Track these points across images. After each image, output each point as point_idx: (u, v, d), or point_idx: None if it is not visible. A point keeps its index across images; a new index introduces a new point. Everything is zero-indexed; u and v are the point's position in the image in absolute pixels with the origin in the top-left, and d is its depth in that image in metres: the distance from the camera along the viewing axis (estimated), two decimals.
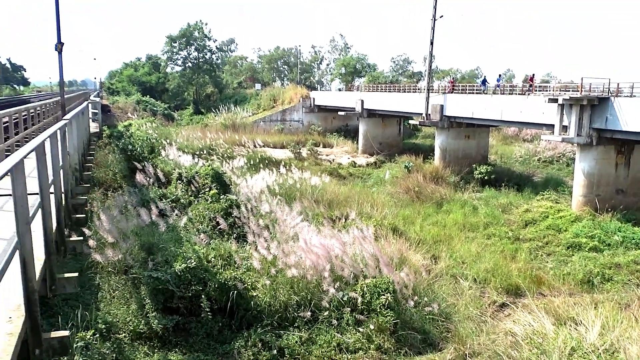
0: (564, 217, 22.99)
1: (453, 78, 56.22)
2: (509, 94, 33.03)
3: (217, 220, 13.94)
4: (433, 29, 37.11)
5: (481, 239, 20.87)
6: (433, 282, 13.78)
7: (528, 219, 24.06)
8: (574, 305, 10.72)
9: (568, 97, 24.06)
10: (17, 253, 4.91)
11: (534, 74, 35.13)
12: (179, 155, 23.29)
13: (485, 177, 32.18)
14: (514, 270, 16.57)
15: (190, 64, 76.16)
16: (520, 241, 21.45)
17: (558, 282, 16.46)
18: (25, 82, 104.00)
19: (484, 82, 36.56)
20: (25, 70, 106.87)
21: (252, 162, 27.59)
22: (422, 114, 37.94)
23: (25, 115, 17.17)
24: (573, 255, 19.66)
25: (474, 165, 33.84)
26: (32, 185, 6.17)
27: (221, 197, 16.19)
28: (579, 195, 24.81)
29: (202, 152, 29.39)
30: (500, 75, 36.18)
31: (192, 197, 16.80)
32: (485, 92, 32.14)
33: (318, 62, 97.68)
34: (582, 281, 17.12)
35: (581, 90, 23.50)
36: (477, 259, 17.55)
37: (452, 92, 34.67)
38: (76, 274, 6.56)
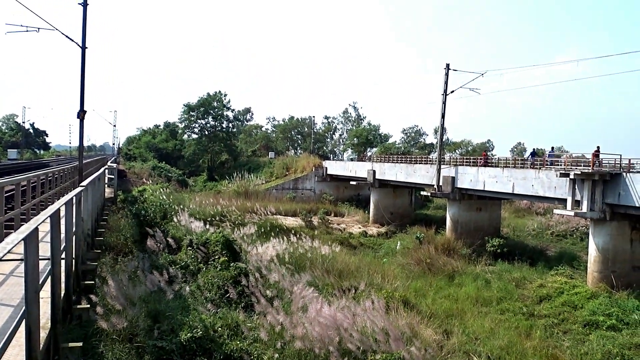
0: (580, 294, 22.35)
1: (485, 151, 56.74)
2: (521, 167, 32.97)
3: (226, 288, 13.90)
4: (444, 103, 38.17)
5: (495, 314, 20.48)
6: (445, 359, 13.50)
7: (542, 295, 23.42)
8: None
9: (579, 172, 24.13)
10: (23, 322, 4.83)
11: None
12: (191, 221, 23.09)
13: (498, 250, 31.60)
14: (529, 348, 16.10)
15: (206, 132, 77.57)
16: (535, 317, 21.05)
17: None
18: (46, 146, 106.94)
19: (533, 154, 36.61)
20: (47, 135, 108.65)
21: (263, 230, 27.49)
22: (433, 185, 37.54)
23: (43, 179, 17.38)
24: (590, 334, 19.13)
25: (486, 237, 33.32)
26: (44, 249, 6.13)
27: (231, 264, 15.99)
28: (594, 271, 24.23)
29: (213, 219, 29.10)
30: (552, 148, 35.06)
31: (202, 264, 16.60)
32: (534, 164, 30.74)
33: (331, 133, 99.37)
34: None
35: (592, 166, 23.31)
36: (491, 335, 17.13)
37: (485, 165, 35.76)
38: (80, 344, 6.41)
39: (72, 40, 19.14)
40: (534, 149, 40.62)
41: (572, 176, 24.47)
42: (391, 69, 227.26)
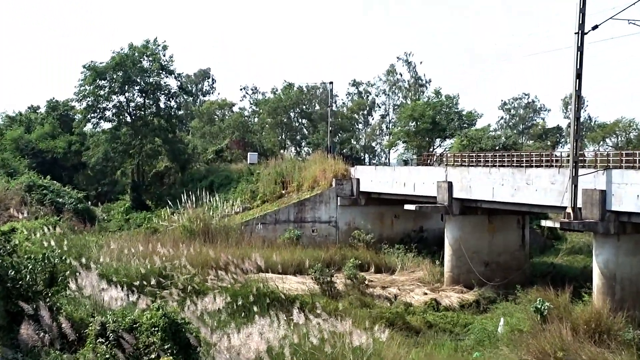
0: None
1: None
2: None
3: None
4: (580, 49, 26.72)
5: None
6: None
7: None
8: None
9: None
10: None
11: None
12: (104, 289, 17.49)
13: None
14: None
15: (128, 118, 55.62)
16: None
17: None
18: None
19: None
20: None
21: (240, 302, 19.89)
22: (565, 207, 27.81)
23: None
24: None
25: None
26: None
27: None
28: None
29: (146, 283, 21.74)
30: None
31: None
32: None
33: (365, 113, 69.34)
34: None
35: None
36: None
37: None
38: None
39: None
40: None
41: None
42: None
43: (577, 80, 27.95)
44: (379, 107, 68.73)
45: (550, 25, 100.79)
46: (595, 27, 27.71)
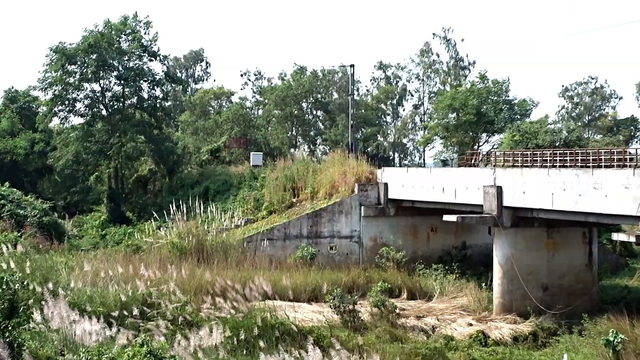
0: None
1: None
2: None
3: None
4: None
5: None
6: None
7: None
8: None
9: None
10: None
11: None
12: (75, 321, 15.81)
13: None
14: None
15: (104, 111, 49.22)
16: None
17: None
18: None
19: None
20: None
21: (243, 336, 17.69)
22: None
23: None
24: None
25: None
26: None
27: None
28: None
29: (127, 314, 19.36)
30: None
31: None
32: None
33: (393, 102, 60.52)
34: None
35: None
36: None
37: None
38: None
39: None
40: None
41: None
42: None
43: None
44: (411, 96, 58.84)
45: None
46: None
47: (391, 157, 54.33)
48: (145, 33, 47.51)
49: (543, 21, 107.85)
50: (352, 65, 50.17)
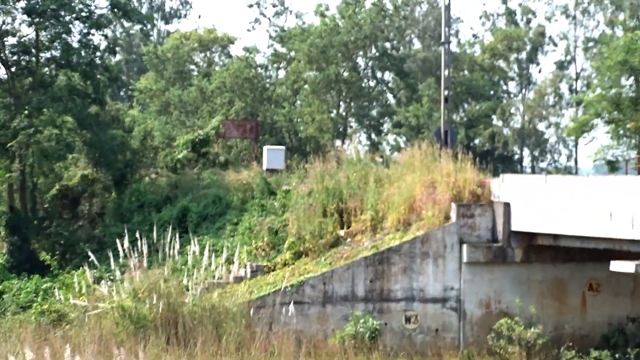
0: None
1: None
2: None
3: None
4: None
5: None
6: None
7: None
8: None
9: None
10: None
11: None
12: None
13: None
14: None
15: (3, 69, 30.59)
16: None
17: None
18: None
19: None
20: None
21: None
22: None
23: None
24: None
25: None
26: None
27: None
28: None
29: None
30: None
31: None
32: None
33: (519, 57, 37.26)
34: None
35: None
36: None
37: None
38: None
39: None
40: None
41: None
42: None
43: None
44: (555, 46, 37.68)
45: None
46: None
47: (517, 156, 35.92)
48: None
49: None
50: None
